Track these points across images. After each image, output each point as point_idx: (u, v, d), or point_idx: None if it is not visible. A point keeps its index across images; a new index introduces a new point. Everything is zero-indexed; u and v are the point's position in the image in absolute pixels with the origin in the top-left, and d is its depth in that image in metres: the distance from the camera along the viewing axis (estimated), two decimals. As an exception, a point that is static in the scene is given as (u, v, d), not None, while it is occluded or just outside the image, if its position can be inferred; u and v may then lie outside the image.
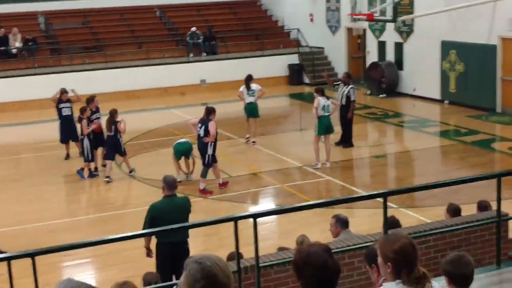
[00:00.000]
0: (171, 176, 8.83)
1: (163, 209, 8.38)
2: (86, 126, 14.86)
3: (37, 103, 23.80)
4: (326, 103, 14.89)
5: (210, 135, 13.30)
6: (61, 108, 16.59)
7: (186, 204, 8.63)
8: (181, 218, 8.01)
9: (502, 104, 19.83)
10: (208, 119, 13.44)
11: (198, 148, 13.81)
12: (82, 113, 15.05)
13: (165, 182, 8.57)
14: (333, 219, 7.84)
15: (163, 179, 8.65)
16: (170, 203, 8.44)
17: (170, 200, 8.49)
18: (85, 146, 14.89)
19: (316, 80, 26.58)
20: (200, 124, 13.56)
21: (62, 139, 16.76)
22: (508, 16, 18.96)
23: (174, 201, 8.52)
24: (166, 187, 8.51)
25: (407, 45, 23.30)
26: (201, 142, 13.56)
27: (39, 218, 12.57)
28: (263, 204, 13.43)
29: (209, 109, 13.55)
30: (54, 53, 26.73)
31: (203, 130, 13.44)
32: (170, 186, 8.53)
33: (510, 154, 15.72)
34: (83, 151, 15.00)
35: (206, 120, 13.46)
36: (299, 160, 15.73)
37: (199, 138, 13.61)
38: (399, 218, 7.94)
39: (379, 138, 18.90)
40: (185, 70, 26.24)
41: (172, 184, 8.57)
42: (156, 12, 30.35)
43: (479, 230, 7.26)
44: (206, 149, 13.46)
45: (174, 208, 8.39)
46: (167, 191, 8.52)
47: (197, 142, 13.77)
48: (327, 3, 27.32)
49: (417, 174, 14.86)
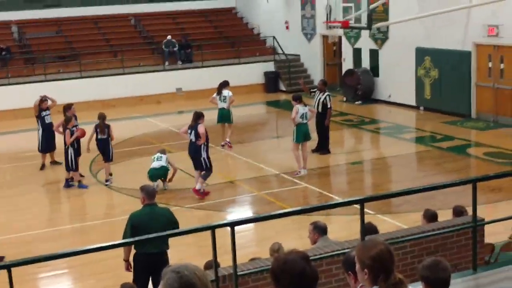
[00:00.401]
0: (149, 186, 8.72)
1: (144, 218, 8.23)
2: (69, 136, 14.69)
3: (11, 113, 23.56)
4: (304, 111, 14.92)
5: (200, 136, 13.38)
6: (44, 116, 16.42)
7: (168, 214, 8.48)
8: (161, 228, 7.72)
9: (477, 110, 20.01)
10: (197, 123, 13.56)
11: (190, 154, 13.83)
12: (67, 123, 14.85)
13: (144, 191, 8.44)
14: (311, 226, 7.86)
15: (142, 189, 8.52)
16: (150, 212, 8.31)
17: (151, 209, 8.35)
18: (69, 155, 14.72)
19: (292, 88, 26.65)
20: (189, 130, 13.68)
21: (43, 149, 16.56)
22: (482, 23, 19.16)
23: (154, 210, 8.38)
24: (146, 197, 8.37)
25: (382, 52, 23.46)
26: (193, 148, 13.63)
27: (16, 229, 12.43)
28: (241, 212, 13.39)
29: (198, 114, 13.70)
30: (28, 62, 26.50)
31: (193, 135, 13.56)
32: (150, 195, 8.40)
33: (485, 160, 15.86)
34: (67, 161, 14.78)
35: (195, 125, 13.56)
36: (277, 167, 15.73)
37: (191, 144, 13.69)
38: (376, 224, 7.96)
39: (356, 144, 18.97)
40: (160, 78, 26.16)
41: (151, 193, 8.46)
42: (131, 21, 30.26)
43: (455, 235, 7.30)
44: (200, 154, 13.54)
45: (154, 217, 8.25)
46: (147, 200, 8.37)
47: (189, 148, 13.81)
48: (302, 11, 27.44)
49: (394, 180, 14.93)
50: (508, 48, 18.70)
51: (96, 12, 29.43)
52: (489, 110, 19.64)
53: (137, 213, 8.40)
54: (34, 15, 28.37)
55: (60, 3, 28.88)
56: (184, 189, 14.37)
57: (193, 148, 13.64)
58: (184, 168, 15.95)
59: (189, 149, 13.81)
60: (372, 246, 3.88)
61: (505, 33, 18.56)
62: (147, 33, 29.65)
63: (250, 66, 27.41)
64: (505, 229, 8.80)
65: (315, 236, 7.77)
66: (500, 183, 13.36)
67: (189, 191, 14.05)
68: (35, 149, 16.70)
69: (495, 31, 18.77)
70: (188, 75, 26.44)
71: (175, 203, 13.46)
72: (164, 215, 8.41)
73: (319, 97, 16.50)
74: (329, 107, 16.41)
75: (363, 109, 22.72)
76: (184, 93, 26.13)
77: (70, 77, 25.13)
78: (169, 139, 19.50)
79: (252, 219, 10.17)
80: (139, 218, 8.26)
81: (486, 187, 12.96)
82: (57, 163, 16.63)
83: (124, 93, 25.12)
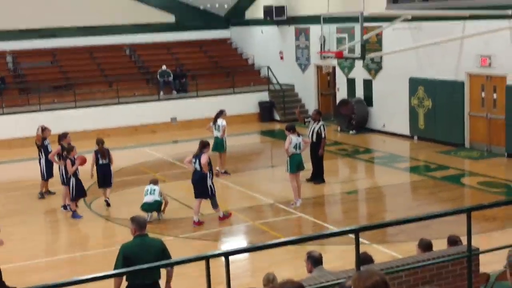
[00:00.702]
0: (140, 216, 8.64)
1: (135, 249, 8.13)
2: (70, 165, 14.67)
3: (6, 143, 23.55)
4: (298, 141, 14.93)
5: (202, 165, 13.53)
6: (47, 145, 16.44)
7: (159, 245, 8.37)
8: (153, 259, 7.71)
9: (470, 139, 20.09)
10: (201, 152, 13.71)
11: (193, 181, 13.93)
12: (68, 152, 14.81)
13: (135, 222, 8.32)
14: (306, 256, 7.83)
15: (133, 220, 8.38)
16: (141, 243, 8.22)
17: (142, 240, 8.25)
18: (72, 185, 14.70)
19: (287, 117, 26.79)
20: (194, 159, 13.80)
21: (48, 177, 16.51)
22: (475, 53, 19.33)
23: (145, 241, 8.29)
24: (137, 228, 8.26)
25: (376, 82, 23.60)
26: (198, 176, 13.75)
27: (8, 259, 12.33)
28: (235, 242, 13.34)
29: (203, 143, 13.87)
30: (23, 92, 26.55)
31: (198, 164, 13.68)
32: (141, 226, 8.29)
33: (480, 189, 15.88)
34: (71, 190, 14.76)
35: (200, 154, 13.71)
36: (271, 197, 15.71)
37: (195, 173, 13.80)
38: (371, 254, 7.93)
39: (350, 174, 18.98)
40: (155, 108, 26.23)
41: (142, 224, 8.35)
42: (126, 51, 30.43)
43: (450, 265, 7.28)
44: (206, 181, 13.70)
45: (146, 248, 8.17)
46: (138, 231, 8.27)
47: (193, 176, 13.91)
48: (296, 41, 27.65)
49: (388, 209, 14.92)
50: (501, 78, 18.85)
51: (91, 42, 29.58)
52: (482, 140, 19.72)
53: (128, 244, 8.28)
54: (29, 45, 28.52)
55: (55, 33, 29.02)
56: (178, 219, 14.34)
57: (198, 176, 13.78)
58: (178, 198, 15.95)
59: (194, 177, 13.92)
60: (368, 277, 3.87)
61: (498, 64, 18.72)
62: (142, 63, 29.80)
63: (244, 96, 27.53)
64: (500, 258, 8.78)
65: (309, 266, 7.74)
66: (494, 213, 13.38)
67: (182, 220, 14.07)
68: (29, 179, 16.68)
69: (488, 61, 18.93)
70: (183, 105, 26.53)
71: (170, 233, 13.41)
72: (156, 246, 8.32)
73: (314, 127, 16.56)
74: (323, 137, 16.46)
75: (357, 139, 22.79)
76: (179, 123, 26.19)
77: (65, 107, 25.18)
78: (164, 168, 19.51)
79: (247, 249, 10.12)
80: (131, 249, 8.15)
81: (481, 217, 12.96)
82: (50, 193, 16.62)
83: (119, 123, 25.16)
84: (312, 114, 17.18)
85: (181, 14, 31.51)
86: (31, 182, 17.45)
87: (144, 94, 27.62)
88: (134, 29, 30.30)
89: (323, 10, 22.49)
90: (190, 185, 14.05)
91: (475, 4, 19.37)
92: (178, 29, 31.14)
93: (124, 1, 30.13)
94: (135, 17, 30.25)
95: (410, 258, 7.43)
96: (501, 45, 18.51)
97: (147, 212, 14.00)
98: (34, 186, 16.92)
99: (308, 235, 11.28)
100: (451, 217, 8.60)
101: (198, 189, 13.86)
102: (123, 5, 30.04)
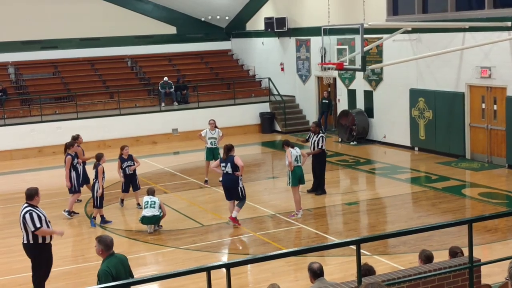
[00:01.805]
0: (107, 236, 8.12)
1: (116, 268, 7.85)
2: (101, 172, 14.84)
3: (7, 154, 23.60)
4: (297, 153, 15.00)
5: (240, 167, 13.98)
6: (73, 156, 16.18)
7: (126, 260, 8.19)
8: (127, 276, 7.79)
9: (471, 150, 20.11)
10: (230, 155, 14.12)
11: (225, 185, 14.34)
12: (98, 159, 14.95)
13: (102, 243, 7.94)
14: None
15: (99, 241, 7.98)
16: (117, 261, 7.95)
17: (115, 258, 7.97)
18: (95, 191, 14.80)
19: (287, 128, 26.86)
20: (223, 163, 14.16)
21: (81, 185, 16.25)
22: (475, 64, 19.37)
23: (118, 258, 8.01)
24: (104, 249, 7.91)
25: (377, 93, 23.65)
26: (229, 179, 14.15)
27: (8, 271, 12.33)
28: (236, 253, 13.32)
29: (229, 147, 14.29)
30: (25, 103, 26.62)
31: (229, 166, 14.05)
32: (108, 246, 7.95)
33: (480, 200, 15.88)
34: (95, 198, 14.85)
35: (228, 157, 14.10)
36: (272, 208, 15.71)
37: (227, 176, 14.17)
38: (372, 265, 7.93)
39: (351, 185, 18.98)
40: (156, 119, 26.29)
41: (110, 245, 7.98)
42: (127, 62, 30.52)
43: (452, 276, 7.28)
44: (237, 183, 14.13)
45: (121, 264, 7.97)
46: (106, 252, 7.92)
47: (224, 180, 14.32)
48: (297, 53, 27.73)
49: (389, 221, 14.92)
50: (501, 89, 18.88)
51: (93, 53, 29.67)
52: (483, 151, 19.74)
53: (111, 264, 7.95)
54: (31, 57, 28.62)
55: (57, 45, 29.13)
56: (179, 230, 14.33)
57: (230, 179, 14.16)
58: (179, 209, 15.96)
59: (225, 180, 14.32)
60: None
61: (498, 75, 18.76)
62: (143, 75, 29.87)
63: (245, 107, 27.58)
64: (502, 270, 8.78)
65: (310, 278, 7.74)
66: (495, 224, 13.38)
67: (183, 231, 14.05)
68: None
69: (488, 72, 18.98)
70: (184, 116, 26.58)
71: (171, 244, 13.41)
72: (126, 261, 8.14)
73: (314, 139, 16.59)
74: (319, 147, 16.46)
75: (358, 150, 22.81)
76: (180, 134, 26.22)
77: (66, 118, 25.22)
78: (165, 180, 19.52)
79: (248, 260, 10.11)
80: (115, 268, 7.84)
81: (482, 228, 12.96)
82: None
83: (120, 134, 25.20)
84: (311, 127, 17.18)
85: (182, 26, 31.63)
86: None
87: (145, 105, 27.69)
88: (136, 40, 30.41)
89: (323, 22, 22.60)
90: (191, 196, 14.07)
91: (475, 16, 19.45)
92: (180, 41, 31.25)
93: (125, 13, 30.26)
94: (136, 29, 30.37)
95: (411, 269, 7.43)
96: (501, 56, 18.56)
97: (145, 224, 14.06)
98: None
99: (309, 247, 11.26)
100: (452, 228, 8.62)
101: (230, 191, 14.29)
102: (124, 17, 30.16)
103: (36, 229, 10.19)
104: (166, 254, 13.07)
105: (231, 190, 14.29)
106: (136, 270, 11.91)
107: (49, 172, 21.33)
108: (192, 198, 17.16)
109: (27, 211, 10.25)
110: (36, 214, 10.25)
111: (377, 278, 6.87)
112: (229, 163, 14.08)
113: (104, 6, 29.90)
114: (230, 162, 14.07)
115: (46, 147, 24.16)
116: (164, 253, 13.10)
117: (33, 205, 10.37)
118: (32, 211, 10.27)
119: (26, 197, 10.45)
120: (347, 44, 20.77)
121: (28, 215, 10.19)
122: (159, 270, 12.08)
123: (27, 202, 10.40)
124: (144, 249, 13.27)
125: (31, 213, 10.21)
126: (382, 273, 7.97)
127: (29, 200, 10.39)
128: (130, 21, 30.23)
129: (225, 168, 14.15)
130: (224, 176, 14.36)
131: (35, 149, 24.14)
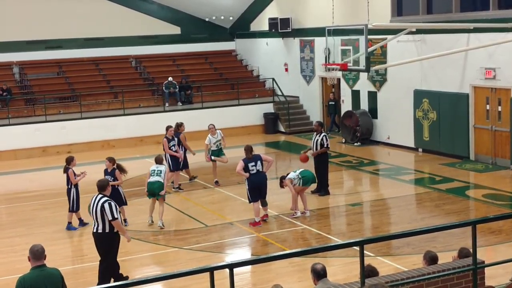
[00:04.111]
0: (37, 245, 7.77)
1: (34, 282, 7.51)
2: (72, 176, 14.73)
3: (11, 154, 23.64)
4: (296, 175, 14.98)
5: (269, 162, 14.42)
6: None
7: (59, 274, 7.81)
8: None
9: (475, 151, 20.06)
10: (256, 155, 14.32)
11: (258, 184, 14.33)
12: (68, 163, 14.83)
13: (30, 251, 7.64)
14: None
15: (30, 250, 7.66)
16: (40, 275, 7.60)
17: (40, 271, 7.61)
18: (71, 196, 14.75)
19: (291, 129, 26.85)
20: (251, 162, 14.20)
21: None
22: (480, 65, 19.34)
23: (44, 272, 7.65)
24: (31, 257, 7.61)
25: (381, 94, 23.62)
26: (262, 177, 14.36)
27: (11, 270, 12.34)
28: (240, 253, 13.32)
29: (250, 147, 14.43)
30: (29, 103, 26.66)
31: (259, 164, 14.20)
32: (36, 256, 7.61)
33: (485, 202, 15.84)
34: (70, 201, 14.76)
35: (254, 156, 14.25)
36: (275, 208, 15.70)
37: (258, 175, 14.25)
38: (375, 266, 7.91)
39: (355, 186, 18.96)
40: (161, 119, 26.24)
41: (38, 254, 7.62)
42: (131, 62, 30.55)
43: (456, 278, 7.26)
44: (267, 180, 14.48)
45: (45, 280, 7.59)
46: (33, 262, 7.62)
47: (256, 179, 14.29)
48: (301, 53, 27.72)
49: (393, 222, 14.89)
50: (505, 90, 18.84)
51: (97, 53, 29.71)
52: (487, 152, 19.69)
53: (26, 276, 7.52)
54: (35, 56, 28.68)
55: (61, 45, 29.18)
56: (182, 230, 14.34)
57: (263, 176, 14.35)
58: (183, 209, 15.96)
59: (257, 179, 14.30)
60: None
61: (502, 76, 18.72)
62: (148, 75, 29.91)
63: (249, 108, 27.59)
64: (506, 271, 8.75)
65: (313, 279, 7.72)
66: (500, 225, 13.35)
67: (186, 232, 14.07)
68: (34, 190, 16.69)
69: (492, 73, 18.94)
70: (188, 116, 26.52)
71: (174, 244, 13.41)
72: (56, 276, 7.77)
73: (316, 138, 16.57)
74: (325, 146, 16.44)
75: (362, 151, 22.79)
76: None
77: (70, 118, 25.26)
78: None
79: (251, 261, 10.11)
80: (29, 282, 7.50)
81: (486, 229, 12.93)
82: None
83: (124, 134, 25.22)
84: (314, 126, 17.15)
85: (186, 26, 31.66)
86: (36, 193, 17.48)
87: (149, 105, 27.72)
88: (140, 41, 30.44)
89: (328, 22, 22.60)
90: (195, 197, 14.06)
91: (480, 17, 19.42)
92: (184, 41, 31.28)
93: (130, 13, 30.29)
94: (141, 29, 30.41)
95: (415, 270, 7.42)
96: (505, 57, 18.52)
97: (149, 197, 14.32)
98: (39, 197, 16.92)
99: (312, 247, 11.27)
100: (457, 230, 8.60)
101: (262, 190, 14.41)
102: (129, 17, 30.20)
103: (114, 219, 10.59)
104: (169, 254, 13.07)
105: (263, 188, 14.40)
106: (139, 270, 11.98)
107: (53, 172, 21.33)
108: (196, 198, 17.17)
109: (105, 200, 10.66)
110: (114, 205, 10.69)
111: (381, 279, 6.86)
112: (258, 161, 14.19)
113: (108, 6, 29.95)
114: (260, 159, 14.21)
115: (50, 147, 24.19)
116: (168, 253, 13.10)
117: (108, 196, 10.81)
118: (111, 201, 10.70)
119: (99, 189, 10.83)
120: (351, 45, 20.73)
121: (107, 205, 10.59)
122: (162, 270, 12.08)
123: (101, 193, 10.78)
124: (148, 249, 13.26)
125: (110, 203, 10.63)
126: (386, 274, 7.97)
127: (102, 191, 10.78)
128: (134, 21, 30.27)
129: (255, 167, 14.15)
130: (254, 176, 14.24)
131: (39, 148, 24.17)
